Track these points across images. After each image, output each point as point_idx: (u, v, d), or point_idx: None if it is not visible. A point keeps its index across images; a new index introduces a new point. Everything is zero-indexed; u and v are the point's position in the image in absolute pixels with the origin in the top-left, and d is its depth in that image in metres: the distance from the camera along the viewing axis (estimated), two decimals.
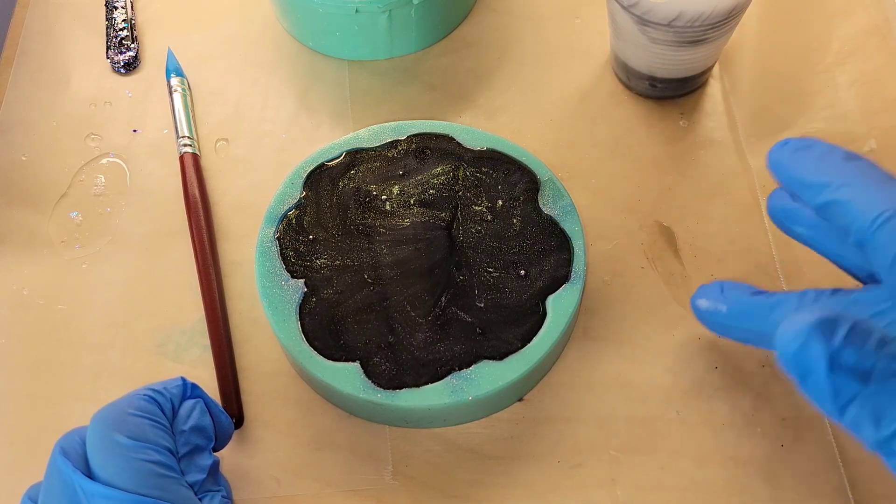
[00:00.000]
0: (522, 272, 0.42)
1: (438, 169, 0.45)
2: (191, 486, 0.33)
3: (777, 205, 0.39)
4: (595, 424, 0.42)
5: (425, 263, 0.42)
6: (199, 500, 0.34)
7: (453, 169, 0.45)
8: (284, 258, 0.43)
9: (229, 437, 0.38)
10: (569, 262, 0.42)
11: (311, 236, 0.44)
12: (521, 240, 0.43)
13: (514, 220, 0.44)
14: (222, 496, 0.35)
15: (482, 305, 0.41)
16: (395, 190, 0.45)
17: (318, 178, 0.45)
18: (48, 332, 0.45)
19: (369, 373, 0.40)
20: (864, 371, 0.28)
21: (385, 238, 0.43)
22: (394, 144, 0.46)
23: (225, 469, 0.41)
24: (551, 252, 0.43)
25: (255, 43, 0.55)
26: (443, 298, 0.42)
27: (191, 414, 0.35)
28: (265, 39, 0.55)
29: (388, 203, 0.44)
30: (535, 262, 0.42)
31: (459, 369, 0.40)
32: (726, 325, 0.39)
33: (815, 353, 0.28)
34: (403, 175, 0.45)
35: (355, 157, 0.46)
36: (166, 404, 0.35)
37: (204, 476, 0.34)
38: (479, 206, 0.44)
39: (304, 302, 0.42)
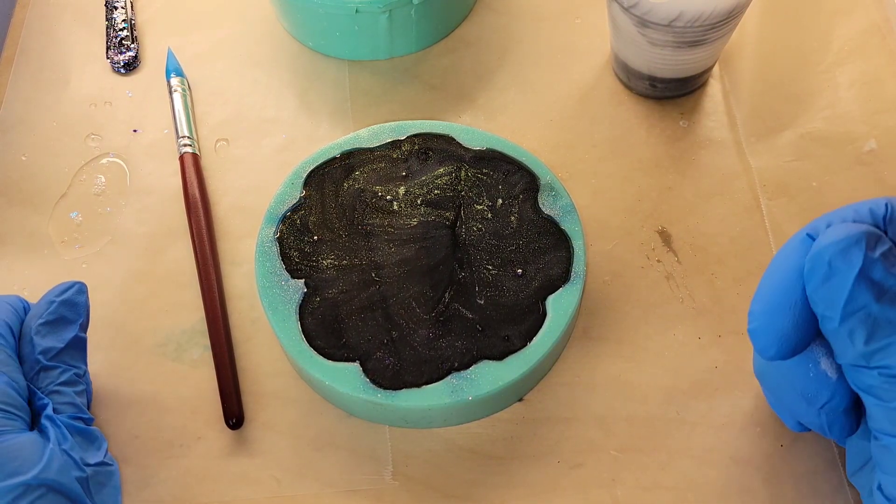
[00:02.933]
0: (519, 271, 0.42)
1: (441, 170, 0.45)
2: (45, 350, 0.37)
3: None
4: (595, 424, 0.42)
5: (430, 261, 0.42)
6: (52, 368, 0.37)
7: (455, 169, 0.45)
8: (287, 259, 0.43)
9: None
10: (568, 262, 0.42)
11: (315, 237, 0.44)
12: (518, 238, 0.43)
13: (513, 219, 0.44)
14: (75, 374, 0.37)
15: (482, 302, 0.41)
16: (401, 191, 0.45)
17: (321, 179, 0.45)
18: None
19: (369, 372, 0.40)
20: (882, 289, 0.30)
21: (392, 237, 0.43)
22: (395, 145, 0.46)
23: (225, 469, 0.41)
24: (548, 251, 0.43)
25: (255, 43, 0.55)
26: (446, 295, 0.42)
27: (66, 291, 0.38)
28: (265, 39, 0.55)
29: (394, 203, 0.44)
30: (532, 261, 0.42)
31: (460, 367, 0.40)
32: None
33: (854, 257, 0.30)
34: (407, 176, 0.45)
35: (358, 157, 0.46)
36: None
37: (62, 346, 0.37)
38: (480, 204, 0.44)
39: (306, 302, 0.42)
